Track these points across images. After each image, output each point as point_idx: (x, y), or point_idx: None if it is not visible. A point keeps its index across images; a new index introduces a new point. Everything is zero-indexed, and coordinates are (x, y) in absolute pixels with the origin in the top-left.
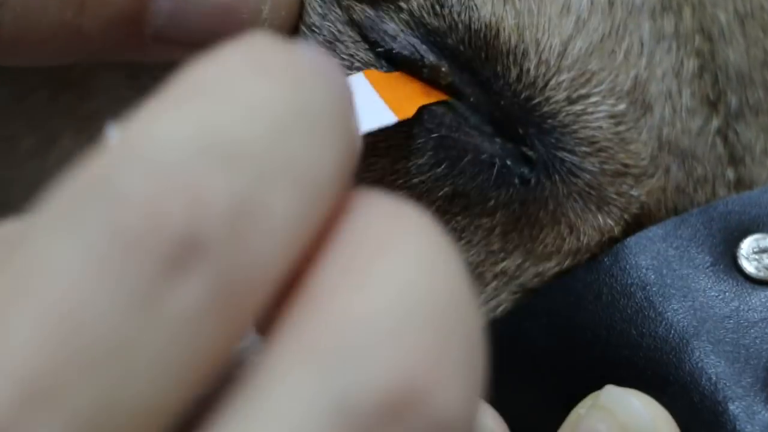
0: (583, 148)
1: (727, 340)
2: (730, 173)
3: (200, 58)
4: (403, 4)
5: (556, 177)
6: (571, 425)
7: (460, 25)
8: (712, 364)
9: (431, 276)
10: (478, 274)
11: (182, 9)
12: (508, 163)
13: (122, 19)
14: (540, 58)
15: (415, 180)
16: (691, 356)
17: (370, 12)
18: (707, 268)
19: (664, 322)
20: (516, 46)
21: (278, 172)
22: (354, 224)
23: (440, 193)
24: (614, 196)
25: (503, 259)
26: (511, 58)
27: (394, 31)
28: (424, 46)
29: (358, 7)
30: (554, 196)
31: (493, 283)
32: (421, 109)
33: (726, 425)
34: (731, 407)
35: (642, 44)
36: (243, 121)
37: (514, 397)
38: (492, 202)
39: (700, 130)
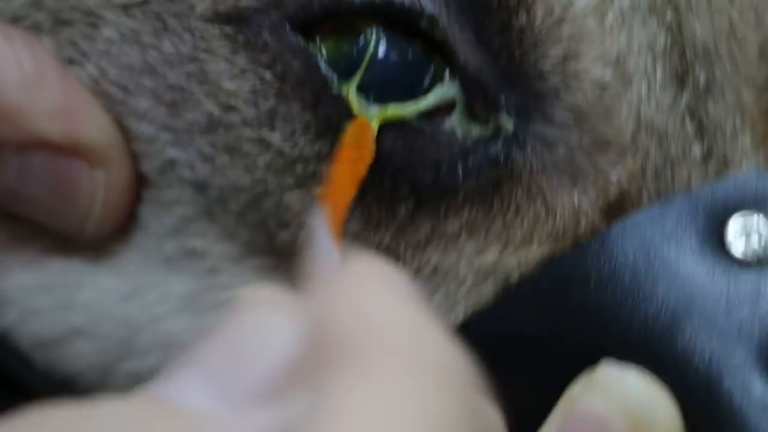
0: (565, 118)
1: (718, 318)
2: (697, 149)
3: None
4: None
5: (529, 150)
6: (565, 407)
7: None
8: (704, 342)
9: None
10: (453, 272)
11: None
12: (472, 157)
13: None
14: (549, 5)
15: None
16: (683, 335)
17: None
18: (695, 250)
19: (654, 303)
20: None
21: None
22: None
23: (402, 210)
24: (590, 171)
25: (478, 255)
26: (524, 3)
27: None
28: None
29: None
30: (528, 168)
31: (470, 279)
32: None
33: (721, 401)
34: (725, 383)
35: (623, 16)
36: None
37: (507, 390)
38: (460, 197)
39: (671, 106)
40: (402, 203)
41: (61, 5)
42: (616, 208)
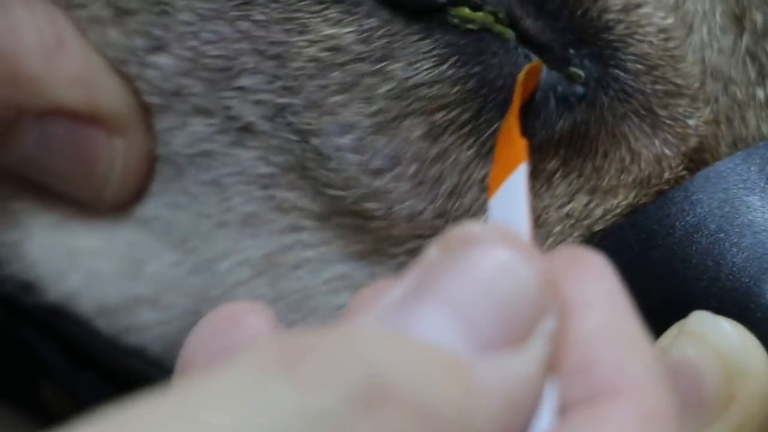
0: (636, 65)
1: None
2: (761, 93)
3: None
4: None
5: (611, 94)
6: None
7: None
8: None
9: None
10: (542, 219)
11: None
12: (560, 89)
13: None
14: None
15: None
16: None
17: None
18: None
19: (741, 252)
20: None
21: None
22: None
23: None
24: (668, 121)
25: (569, 202)
26: None
27: None
28: None
29: None
30: (612, 112)
31: (559, 227)
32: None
33: None
34: None
35: None
36: None
37: None
38: (556, 136)
39: (732, 50)
40: None
41: None
42: (696, 156)
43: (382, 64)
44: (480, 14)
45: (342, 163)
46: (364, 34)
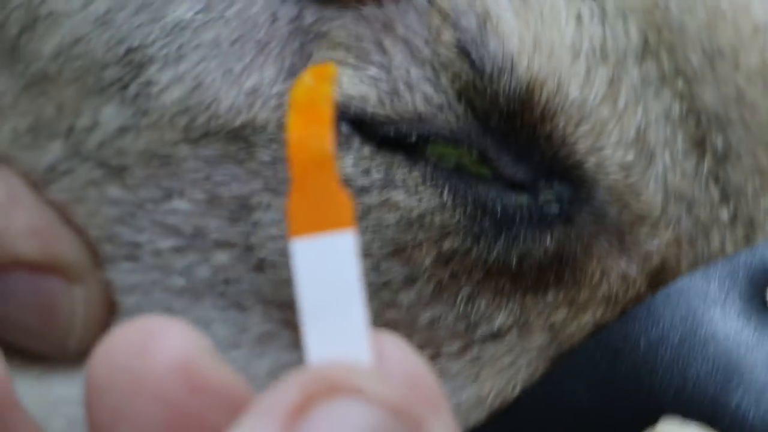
0: (604, 197)
1: None
2: (725, 212)
3: None
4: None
5: (586, 215)
6: None
7: (500, 98)
8: (757, 400)
9: None
10: (527, 324)
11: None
12: (537, 208)
13: None
14: (567, 111)
15: (490, 259)
16: (735, 393)
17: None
18: (739, 312)
19: (706, 362)
20: (548, 101)
21: None
22: None
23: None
24: (633, 245)
25: (555, 310)
26: (546, 115)
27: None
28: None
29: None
30: (586, 229)
31: (541, 338)
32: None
33: None
34: None
35: (635, 91)
36: None
37: None
38: (542, 250)
39: (694, 172)
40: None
41: (104, 153)
42: (659, 275)
43: (386, 194)
44: (456, 151)
45: None
46: (362, 165)
